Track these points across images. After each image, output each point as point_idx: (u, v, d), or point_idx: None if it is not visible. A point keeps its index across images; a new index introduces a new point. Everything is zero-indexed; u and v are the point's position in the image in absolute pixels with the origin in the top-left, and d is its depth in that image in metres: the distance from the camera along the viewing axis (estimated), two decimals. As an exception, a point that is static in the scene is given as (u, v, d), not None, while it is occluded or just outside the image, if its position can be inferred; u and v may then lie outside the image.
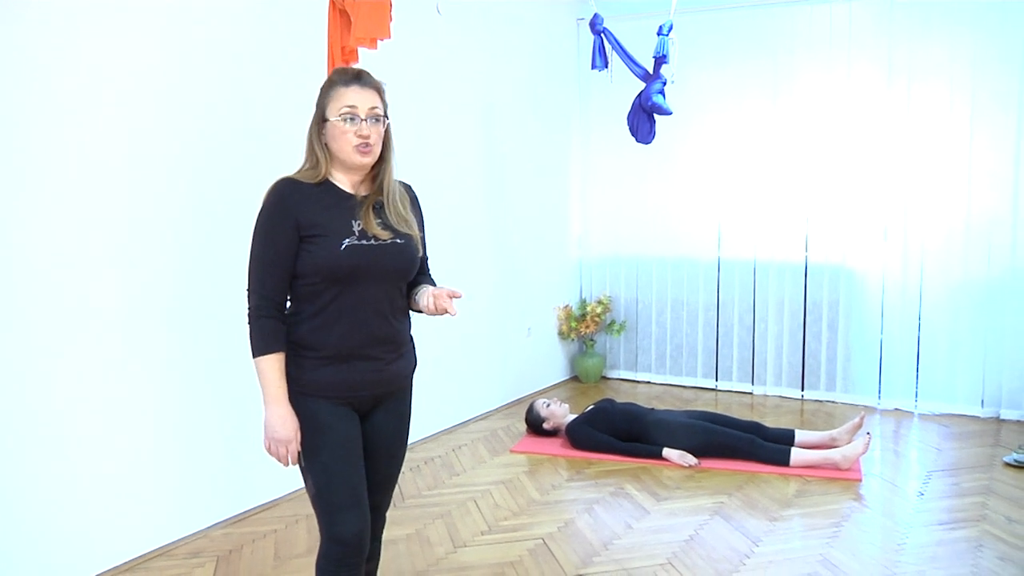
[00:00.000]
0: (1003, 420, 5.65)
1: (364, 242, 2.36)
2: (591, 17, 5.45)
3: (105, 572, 3.47)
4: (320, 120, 2.38)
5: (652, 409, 5.18)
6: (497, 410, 6.05)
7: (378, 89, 2.44)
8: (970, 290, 5.76)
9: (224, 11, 3.87)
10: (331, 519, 2.36)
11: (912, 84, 5.80)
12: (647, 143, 5.55)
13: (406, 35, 4.58)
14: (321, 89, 2.40)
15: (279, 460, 2.35)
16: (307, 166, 2.41)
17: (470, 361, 5.75)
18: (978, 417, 5.72)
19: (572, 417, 5.24)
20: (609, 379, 7.08)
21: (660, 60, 5.23)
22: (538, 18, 6.42)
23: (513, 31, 6.09)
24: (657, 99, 5.25)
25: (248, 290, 2.33)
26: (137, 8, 3.48)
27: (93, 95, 3.35)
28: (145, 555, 3.62)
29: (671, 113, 5.37)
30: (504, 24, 5.97)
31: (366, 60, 3.91)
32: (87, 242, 3.35)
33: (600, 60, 5.46)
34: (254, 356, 2.32)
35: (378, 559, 2.70)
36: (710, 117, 6.50)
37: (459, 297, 2.46)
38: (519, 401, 6.27)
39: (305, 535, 3.87)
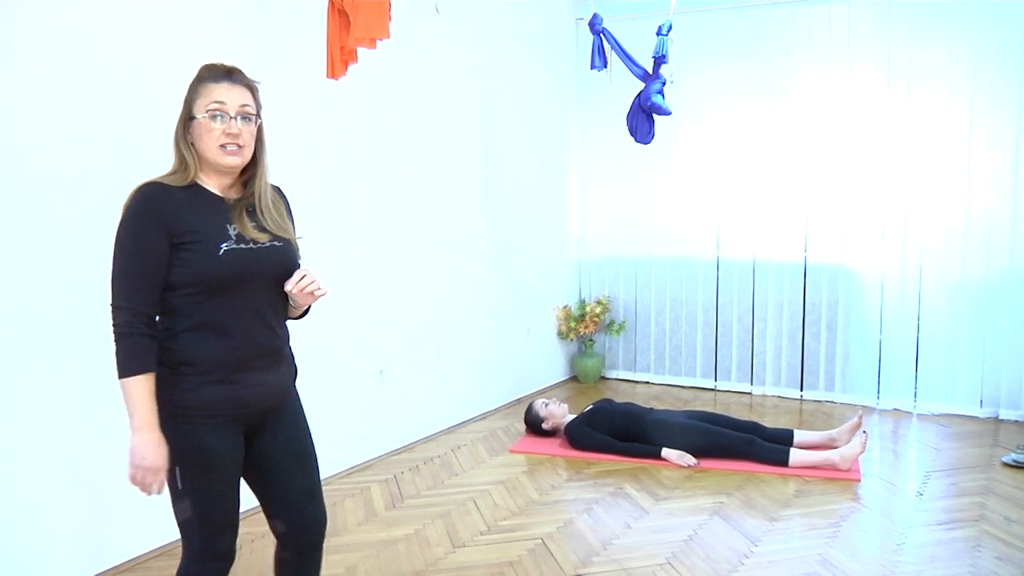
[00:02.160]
0: (1002, 420, 5.65)
1: (242, 246, 2.22)
2: (590, 17, 5.44)
3: (105, 572, 3.48)
4: (187, 118, 2.24)
5: (651, 409, 5.18)
6: (496, 410, 6.05)
7: (251, 88, 2.30)
8: (969, 290, 5.76)
9: (222, 11, 3.87)
10: (209, 538, 2.28)
11: (911, 84, 5.80)
12: (646, 143, 5.55)
13: (405, 35, 4.58)
14: (189, 86, 2.26)
15: (143, 490, 2.14)
16: (174, 169, 2.25)
17: (469, 361, 5.75)
18: (977, 417, 5.72)
19: (571, 417, 5.24)
20: (608, 379, 7.08)
21: (659, 60, 5.23)
22: (537, 18, 6.42)
23: (512, 31, 6.09)
24: (656, 99, 5.25)
25: (113, 306, 2.13)
26: (133, 7, 3.48)
27: (87, 94, 3.35)
28: (144, 555, 3.62)
29: (670, 113, 5.36)
30: (503, 24, 5.97)
31: (365, 60, 3.93)
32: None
33: (599, 60, 5.46)
34: (121, 376, 2.11)
35: (318, 573, 2.58)
36: (709, 117, 6.50)
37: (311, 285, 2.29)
38: (518, 401, 6.27)
39: (304, 535, 3.87)
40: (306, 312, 2.48)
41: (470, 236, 5.71)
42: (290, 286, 2.28)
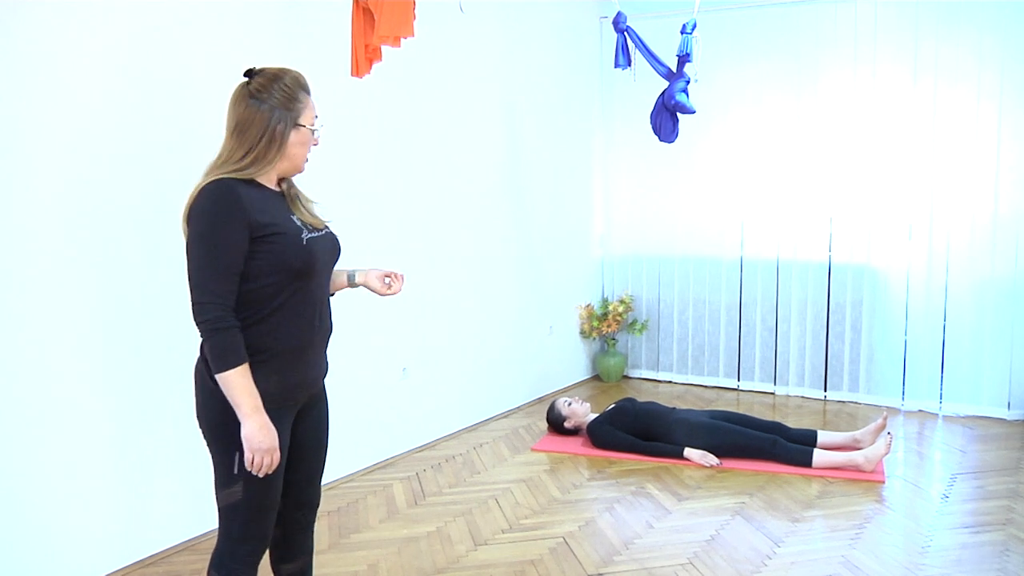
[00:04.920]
0: (1030, 423, 5.60)
1: (314, 234, 2.37)
2: (614, 15, 5.43)
3: (130, 566, 3.52)
4: (292, 123, 2.32)
5: (673, 408, 5.16)
6: (518, 408, 6.06)
7: None
8: (996, 289, 5.69)
9: (246, 10, 3.89)
10: (251, 521, 2.35)
11: (938, 81, 5.73)
12: (670, 142, 5.52)
13: (429, 33, 4.59)
14: (288, 91, 2.32)
15: (259, 471, 2.24)
16: (241, 164, 2.28)
17: (491, 359, 5.76)
18: (1004, 419, 5.65)
19: (593, 416, 5.24)
20: (631, 378, 7.06)
21: (684, 58, 5.20)
22: (561, 16, 6.41)
23: (536, 29, 6.09)
24: (680, 98, 5.23)
25: (200, 302, 2.19)
26: (156, 6, 3.51)
27: (100, 92, 3.38)
28: (169, 549, 3.66)
29: (694, 112, 5.34)
30: (527, 22, 5.97)
31: (389, 58, 3.93)
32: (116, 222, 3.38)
33: (623, 58, 5.44)
34: (222, 370, 2.18)
35: (311, 553, 2.69)
36: (734, 115, 6.47)
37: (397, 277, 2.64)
38: (540, 400, 6.27)
39: (326, 531, 3.89)
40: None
41: (493, 234, 5.71)
42: (385, 283, 2.63)
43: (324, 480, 4.34)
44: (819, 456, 4.65)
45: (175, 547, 3.68)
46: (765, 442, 4.76)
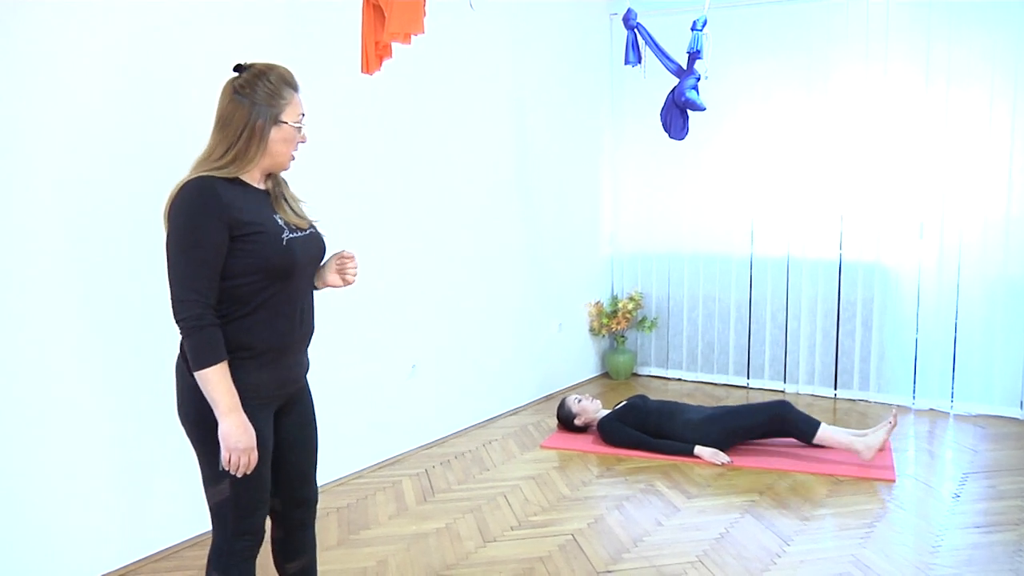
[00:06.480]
0: (1042, 422, 5.56)
1: (296, 235, 2.36)
2: (624, 12, 5.41)
3: (140, 560, 3.54)
4: (273, 120, 2.30)
5: (685, 406, 5.15)
6: (528, 405, 6.05)
7: None
8: (1008, 288, 5.65)
9: (257, 6, 3.89)
10: (245, 516, 2.35)
11: (950, 79, 5.70)
12: (680, 139, 5.50)
13: (439, 30, 4.58)
14: (271, 86, 2.29)
15: (237, 470, 2.23)
16: (222, 161, 2.27)
17: (501, 356, 5.76)
18: (1016, 419, 5.62)
19: (603, 413, 5.23)
20: (640, 376, 7.05)
21: (694, 55, 5.18)
22: (571, 13, 6.39)
23: (546, 26, 6.08)
24: (691, 95, 5.21)
25: (180, 299, 2.18)
26: (157, 5, 3.51)
27: (100, 92, 3.39)
28: (178, 545, 3.68)
29: (705, 109, 5.32)
30: (537, 19, 5.96)
31: (399, 55, 3.93)
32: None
33: (633, 55, 5.43)
34: (201, 367, 2.18)
35: (314, 551, 2.69)
36: (744, 113, 6.44)
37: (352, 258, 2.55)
38: (550, 397, 6.27)
39: (335, 527, 3.90)
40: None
41: (503, 232, 5.71)
42: (337, 266, 2.51)
43: (334, 476, 4.40)
44: (824, 430, 4.69)
45: (178, 546, 3.69)
46: (773, 404, 4.86)
